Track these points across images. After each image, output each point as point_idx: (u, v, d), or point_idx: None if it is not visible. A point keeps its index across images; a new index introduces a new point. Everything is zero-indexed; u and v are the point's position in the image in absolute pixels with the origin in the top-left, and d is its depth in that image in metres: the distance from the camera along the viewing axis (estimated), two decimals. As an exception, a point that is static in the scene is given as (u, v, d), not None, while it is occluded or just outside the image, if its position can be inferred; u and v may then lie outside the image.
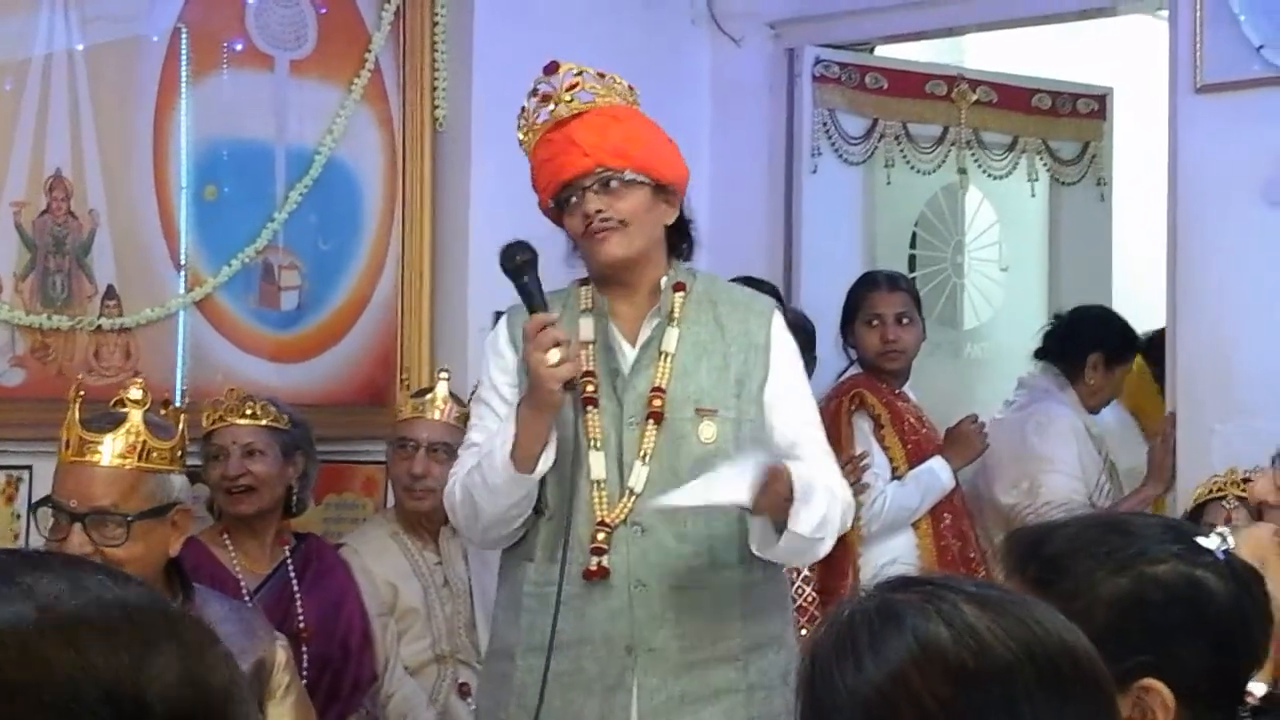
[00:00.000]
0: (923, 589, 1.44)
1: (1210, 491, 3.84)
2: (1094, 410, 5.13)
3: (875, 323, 4.74)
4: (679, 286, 3.23)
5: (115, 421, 2.97)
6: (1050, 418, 4.96)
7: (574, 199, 3.15)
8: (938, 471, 4.67)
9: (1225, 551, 1.80)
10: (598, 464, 3.13)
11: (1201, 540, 1.81)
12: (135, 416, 2.98)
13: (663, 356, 3.17)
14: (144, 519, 2.94)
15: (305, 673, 3.68)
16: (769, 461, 2.97)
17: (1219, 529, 1.85)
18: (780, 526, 3.04)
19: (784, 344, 3.27)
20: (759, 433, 3.18)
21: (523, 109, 3.23)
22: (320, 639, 3.87)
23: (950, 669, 1.37)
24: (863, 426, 4.63)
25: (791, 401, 3.24)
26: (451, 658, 4.17)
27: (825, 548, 3.17)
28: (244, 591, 3.80)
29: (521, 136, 3.24)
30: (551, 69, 3.19)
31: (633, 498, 3.10)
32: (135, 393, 3.01)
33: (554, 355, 3.01)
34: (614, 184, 3.14)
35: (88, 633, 1.00)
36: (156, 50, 4.37)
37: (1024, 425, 4.97)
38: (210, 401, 3.99)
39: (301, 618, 3.87)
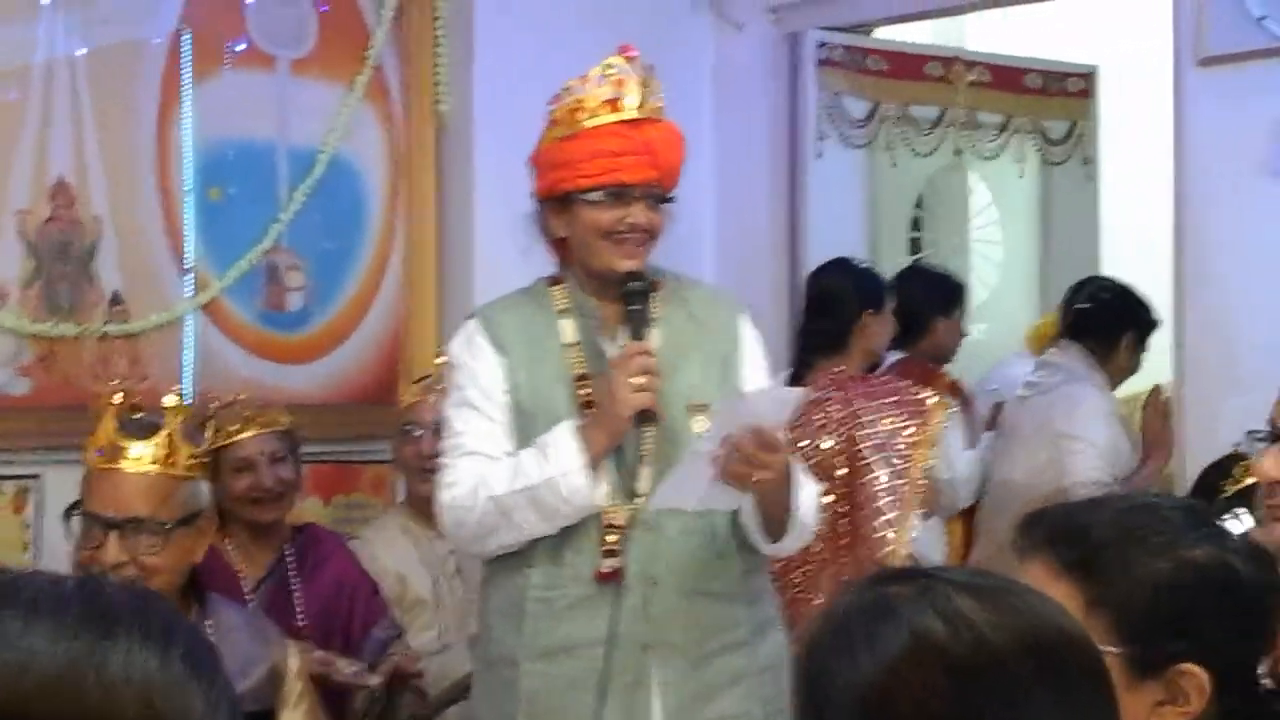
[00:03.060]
0: (916, 581, 1.44)
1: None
2: (1114, 389, 5.13)
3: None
4: (653, 286, 3.19)
5: (149, 429, 2.95)
6: (1078, 399, 4.95)
7: (613, 199, 3.09)
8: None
9: (1244, 534, 1.80)
10: (602, 466, 3.10)
11: (1223, 523, 1.80)
12: (172, 424, 2.96)
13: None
14: (180, 527, 2.93)
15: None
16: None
17: (1237, 510, 1.85)
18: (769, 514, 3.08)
19: (754, 337, 3.29)
20: None
21: (578, 81, 3.13)
22: (322, 634, 3.86)
23: (947, 662, 1.37)
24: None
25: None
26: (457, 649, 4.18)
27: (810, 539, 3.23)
28: (244, 592, 3.79)
29: (564, 112, 3.13)
30: (628, 53, 3.14)
31: (639, 499, 3.10)
32: (171, 399, 2.99)
33: (637, 381, 3.02)
34: (658, 200, 3.13)
35: None
36: (158, 52, 4.37)
37: (1051, 407, 4.96)
38: (221, 411, 3.90)
39: (302, 614, 3.87)
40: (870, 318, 4.46)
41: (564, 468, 3.03)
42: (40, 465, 3.99)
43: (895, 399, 4.25)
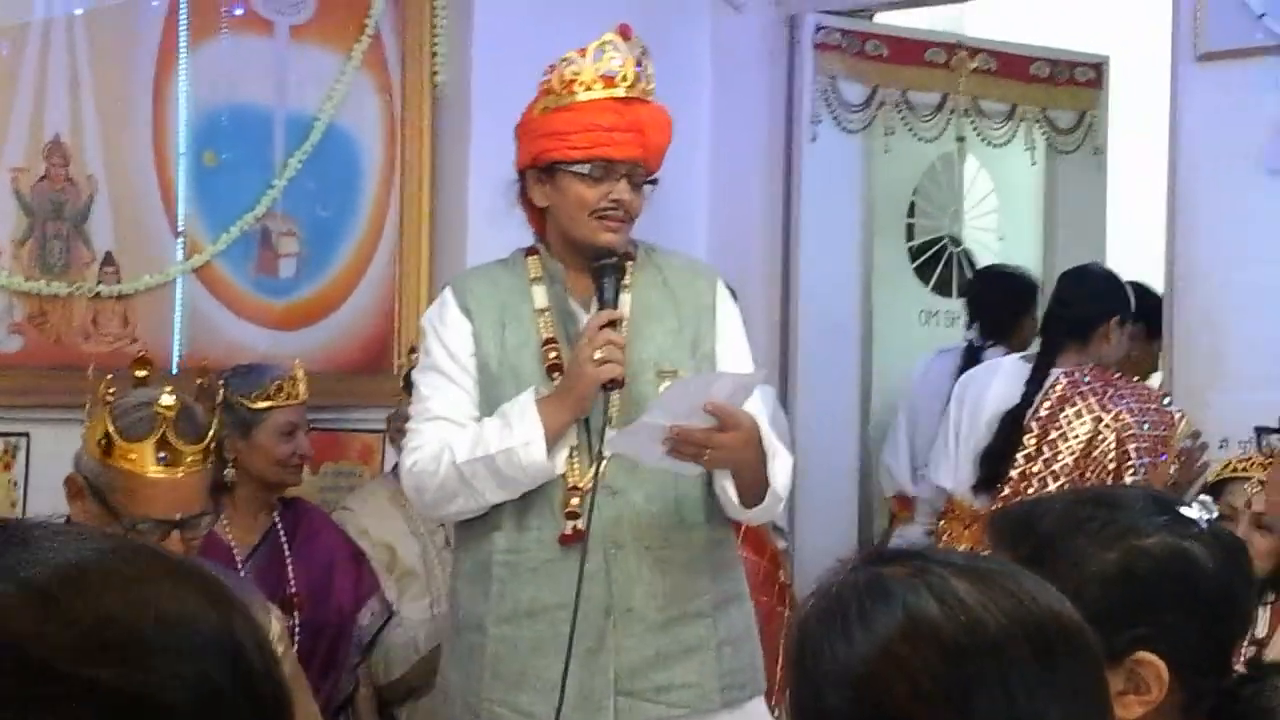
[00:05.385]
0: (912, 562, 1.44)
1: (1233, 470, 3.83)
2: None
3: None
4: (626, 255, 3.23)
5: (199, 431, 2.93)
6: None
7: (599, 174, 3.13)
8: None
9: (1209, 521, 1.81)
10: (567, 429, 3.13)
11: (1185, 511, 1.81)
12: (214, 424, 2.97)
13: (619, 321, 3.15)
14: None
15: (297, 640, 3.69)
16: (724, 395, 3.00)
17: (1201, 498, 1.86)
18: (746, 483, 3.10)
19: (729, 307, 3.32)
20: None
21: (576, 53, 3.15)
22: (312, 606, 3.87)
23: (941, 643, 1.37)
24: None
25: (738, 366, 3.25)
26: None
27: (781, 508, 3.25)
28: (237, 561, 3.80)
29: (559, 82, 3.15)
30: (626, 33, 3.17)
31: (602, 461, 3.11)
32: (168, 399, 2.90)
33: (598, 354, 3.04)
34: (639, 181, 3.17)
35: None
36: (156, 14, 4.35)
37: None
38: (274, 380, 3.93)
39: (293, 583, 3.88)
40: (1115, 325, 4.52)
41: (523, 438, 3.06)
42: (29, 423, 3.98)
43: (1155, 407, 4.32)
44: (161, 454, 2.89)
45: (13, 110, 4.06)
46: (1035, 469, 4.30)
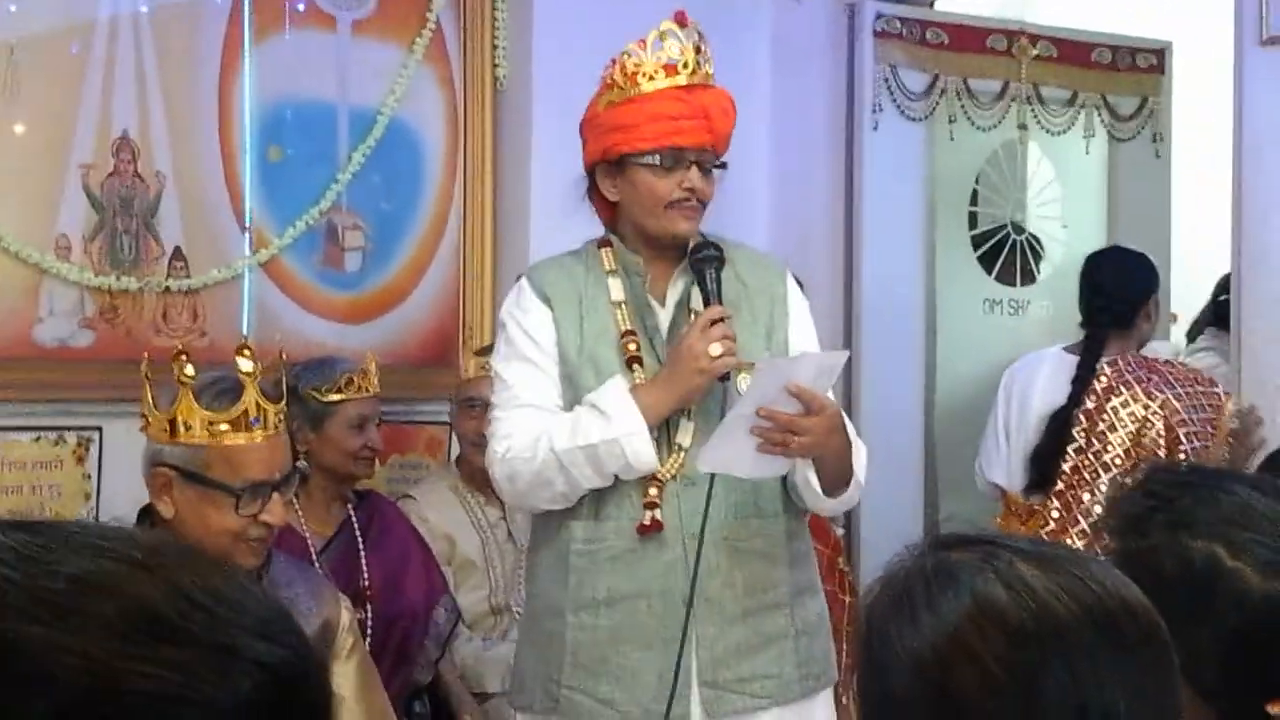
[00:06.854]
0: (979, 548, 1.43)
1: None
2: None
3: None
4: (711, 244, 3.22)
5: (275, 391, 2.96)
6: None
7: (670, 163, 3.13)
8: None
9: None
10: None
11: None
12: (254, 386, 2.97)
13: (694, 315, 3.15)
14: None
15: (370, 633, 3.71)
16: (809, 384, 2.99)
17: None
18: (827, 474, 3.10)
19: (798, 297, 3.31)
20: None
21: (636, 45, 3.15)
22: (385, 600, 3.89)
23: (1009, 629, 1.36)
24: None
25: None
26: (508, 610, 4.22)
27: (858, 498, 3.24)
28: (312, 553, 3.83)
29: (621, 75, 3.15)
30: (683, 20, 3.16)
31: (681, 453, 3.11)
32: (246, 364, 2.95)
33: (717, 348, 3.03)
34: (710, 166, 3.17)
35: None
36: (220, 11, 4.39)
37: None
38: (345, 373, 3.98)
39: (366, 577, 3.91)
40: (1153, 303, 4.61)
41: (625, 429, 3.05)
42: (101, 417, 4.03)
43: (1203, 390, 4.30)
44: (255, 417, 2.91)
45: (81, 107, 4.10)
46: (1086, 461, 4.28)
